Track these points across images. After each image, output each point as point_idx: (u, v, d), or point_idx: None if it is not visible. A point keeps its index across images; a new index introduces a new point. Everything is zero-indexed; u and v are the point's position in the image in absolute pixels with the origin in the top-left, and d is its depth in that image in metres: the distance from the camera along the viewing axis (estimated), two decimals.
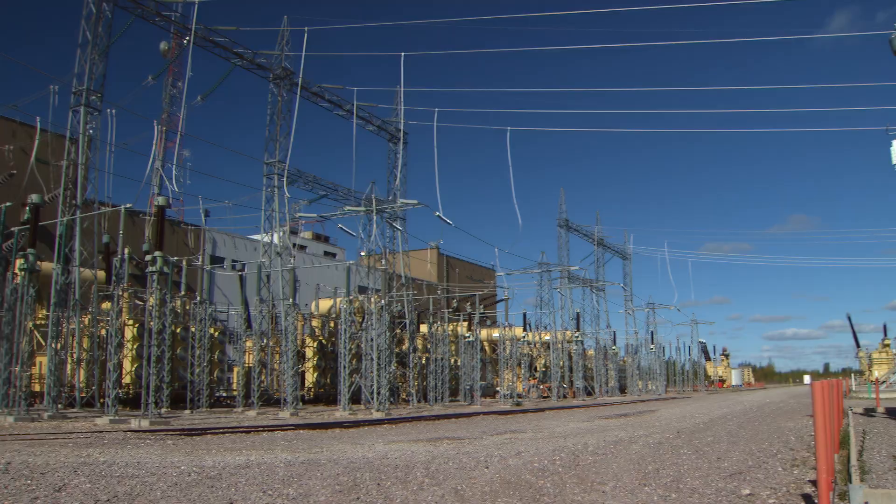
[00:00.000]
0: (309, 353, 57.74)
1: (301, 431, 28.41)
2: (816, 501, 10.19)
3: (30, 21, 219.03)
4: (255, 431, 27.60)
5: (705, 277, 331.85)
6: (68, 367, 41.27)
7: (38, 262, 34.31)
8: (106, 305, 44.36)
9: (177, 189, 70.17)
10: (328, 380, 57.44)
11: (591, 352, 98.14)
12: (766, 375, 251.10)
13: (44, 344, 42.01)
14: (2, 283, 35.11)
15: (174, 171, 67.14)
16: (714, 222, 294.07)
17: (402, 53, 61.83)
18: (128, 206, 45.19)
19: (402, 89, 63.45)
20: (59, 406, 35.74)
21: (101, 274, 49.49)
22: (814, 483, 12.79)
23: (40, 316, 44.17)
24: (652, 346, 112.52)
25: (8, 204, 38.54)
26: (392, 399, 49.91)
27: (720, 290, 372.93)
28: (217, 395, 50.92)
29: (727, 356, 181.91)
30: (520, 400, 65.92)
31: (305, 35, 53.23)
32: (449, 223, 57.85)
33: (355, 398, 48.60)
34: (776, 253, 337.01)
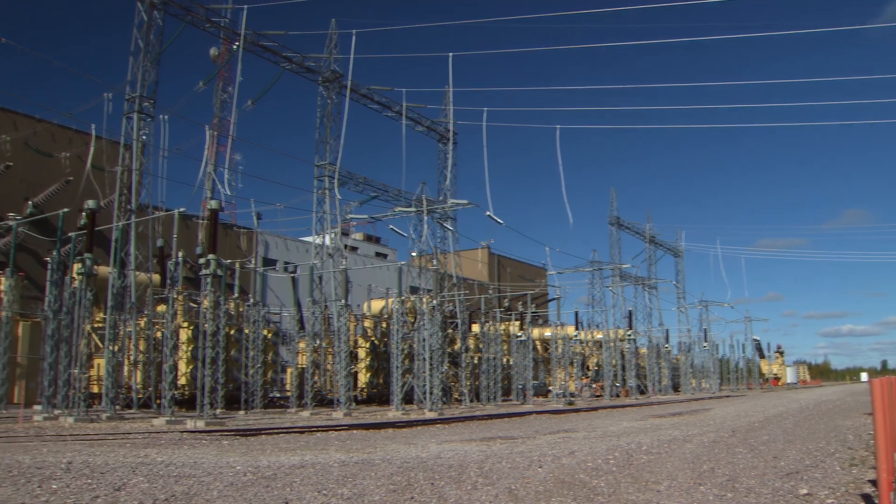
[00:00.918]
0: (361, 353, 57.97)
1: (354, 431, 28.54)
2: (877, 502, 10.05)
3: (84, 31, 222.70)
4: (309, 432, 27.76)
5: (759, 274, 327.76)
6: (125, 368, 41.86)
7: (95, 267, 34.82)
8: (161, 308, 44.89)
9: (229, 193, 70.91)
10: (381, 380, 57.64)
11: (643, 350, 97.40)
12: (821, 373, 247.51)
13: (101, 346, 42.63)
14: (60, 288, 35.67)
15: (226, 175, 67.98)
16: (767, 218, 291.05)
17: (451, 54, 62.03)
18: (181, 210, 45.80)
19: (451, 89, 63.53)
20: (117, 407, 36.25)
21: (156, 277, 50.14)
22: (874, 483, 12.59)
23: (98, 319, 44.85)
24: (705, 344, 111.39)
25: (65, 210, 39.21)
26: (444, 399, 49.96)
27: (774, 286, 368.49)
28: (271, 395, 51.30)
29: (781, 353, 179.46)
30: (572, 399, 65.66)
31: (353, 38, 53.49)
32: (500, 222, 57.84)
33: (408, 398, 48.72)
34: (831, 248, 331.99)
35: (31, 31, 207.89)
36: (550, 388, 75.39)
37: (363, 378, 57.62)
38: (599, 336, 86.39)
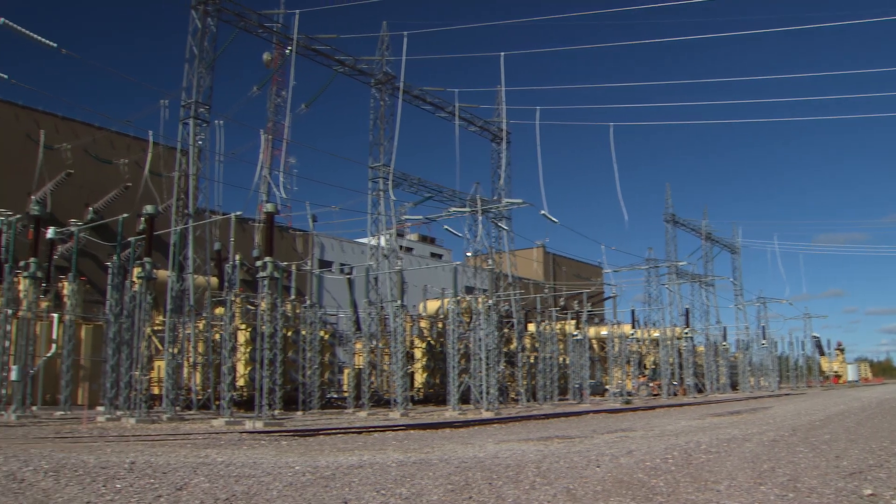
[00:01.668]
0: (418, 353, 58.10)
1: (412, 431, 28.63)
2: None
3: (140, 39, 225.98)
4: (367, 432, 27.89)
5: (818, 270, 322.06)
6: (185, 370, 42.36)
7: (154, 271, 35.31)
8: (219, 311, 45.40)
9: (284, 196, 71.29)
10: (437, 380, 57.72)
11: (700, 348, 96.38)
12: (884, 370, 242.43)
13: (161, 349, 43.21)
14: (121, 292, 36.24)
15: (281, 178, 68.43)
16: (826, 213, 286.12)
17: (502, 53, 61.88)
18: (238, 213, 46.29)
19: (503, 89, 63.46)
20: (177, 408, 36.74)
21: (214, 280, 50.67)
22: None
23: (157, 322, 45.47)
24: (763, 342, 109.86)
25: (125, 215, 39.81)
26: (501, 398, 49.89)
27: (834, 282, 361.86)
28: (328, 396, 51.59)
29: (842, 350, 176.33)
30: (629, 398, 65.22)
31: (405, 39, 53.63)
32: (555, 221, 57.62)
33: (464, 398, 48.74)
34: (894, 243, 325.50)
35: (89, 41, 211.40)
36: (607, 387, 74.90)
37: (420, 378, 57.74)
38: (656, 334, 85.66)
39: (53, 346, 44.31)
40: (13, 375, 36.10)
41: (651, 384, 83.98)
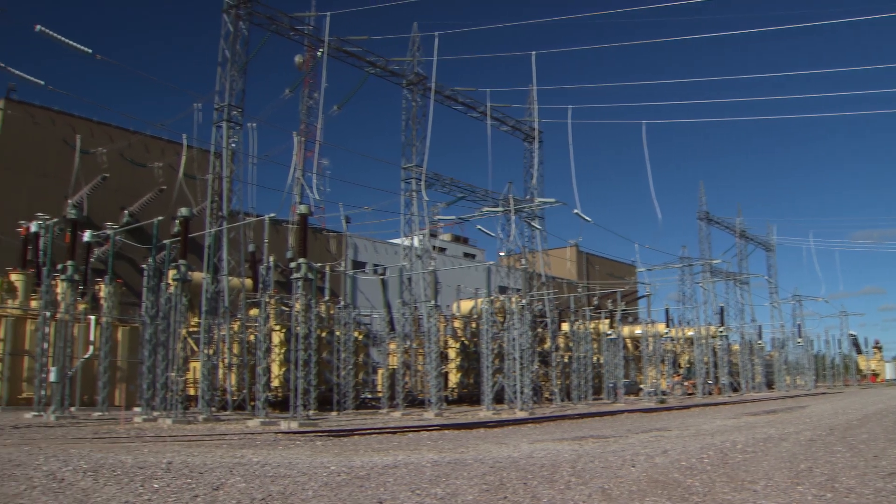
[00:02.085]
0: (451, 353, 58.13)
1: (446, 431, 28.66)
2: None
3: (172, 44, 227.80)
4: (401, 432, 27.95)
5: (855, 267, 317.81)
6: (220, 371, 42.61)
7: (189, 273, 35.57)
8: (254, 312, 45.63)
9: (317, 197, 71.52)
10: (471, 380, 57.71)
11: (735, 347, 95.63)
12: None
13: (197, 350, 43.50)
14: (157, 294, 36.52)
15: (314, 180, 68.60)
16: (863, 209, 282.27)
17: (534, 52, 61.79)
18: (271, 215, 46.43)
19: (535, 88, 63.37)
20: (213, 409, 36.97)
21: (249, 282, 50.97)
22: None
23: (193, 323, 45.78)
24: (799, 340, 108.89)
25: (160, 218, 40.12)
26: (535, 398, 49.80)
27: (872, 279, 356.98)
28: (362, 396, 51.73)
29: (880, 349, 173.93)
30: (664, 397, 64.92)
31: (436, 40, 53.67)
32: (588, 220, 57.38)
33: (498, 398, 48.71)
34: None
35: (123, 46, 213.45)
36: (641, 386, 74.56)
37: (453, 378, 57.77)
38: (691, 333, 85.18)
39: (91, 347, 44.70)
40: (52, 377, 36.52)
41: (686, 383, 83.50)
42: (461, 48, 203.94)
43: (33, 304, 46.09)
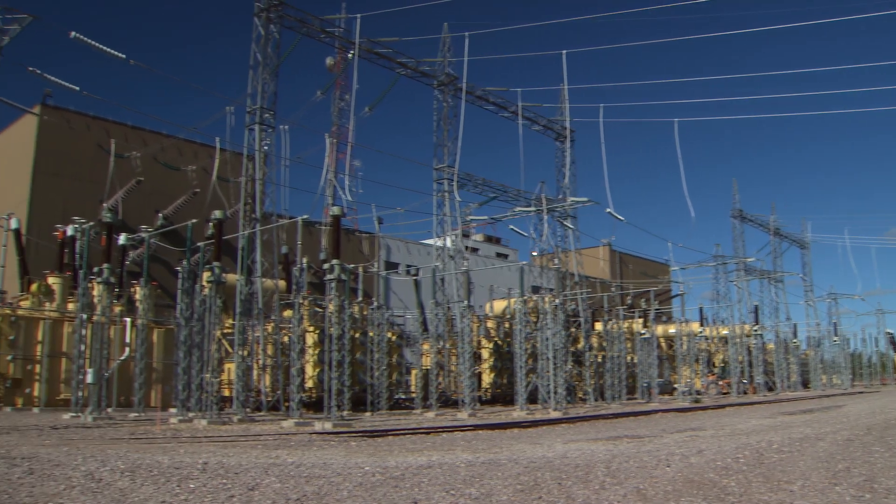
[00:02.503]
0: (485, 353, 58.12)
1: (480, 432, 28.64)
2: None
3: (204, 48, 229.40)
4: (435, 432, 27.96)
5: (892, 264, 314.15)
6: (254, 372, 42.84)
7: (223, 275, 35.80)
8: (287, 313, 45.83)
9: (350, 198, 71.91)
10: (504, 380, 57.67)
11: (770, 345, 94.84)
12: None
13: (231, 351, 43.79)
14: (191, 296, 36.78)
15: (346, 181, 68.95)
16: None
17: (564, 51, 61.60)
18: (304, 217, 46.66)
19: (566, 87, 63.19)
20: (247, 410, 37.19)
21: (282, 283, 51.25)
22: None
23: (227, 325, 46.09)
24: (835, 339, 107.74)
25: (193, 221, 40.42)
26: (569, 398, 49.68)
27: None
28: (396, 397, 51.82)
29: None
30: (698, 397, 64.59)
31: (467, 40, 53.72)
32: (620, 219, 57.23)
33: (532, 398, 48.63)
34: None
35: (155, 51, 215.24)
36: (676, 385, 74.17)
37: (487, 378, 57.76)
38: (725, 332, 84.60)
39: (127, 349, 45.13)
40: (89, 378, 36.88)
41: (720, 382, 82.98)
42: (492, 48, 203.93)
43: (70, 306, 46.59)
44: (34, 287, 48.20)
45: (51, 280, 49.25)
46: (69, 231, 52.66)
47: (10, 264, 57.13)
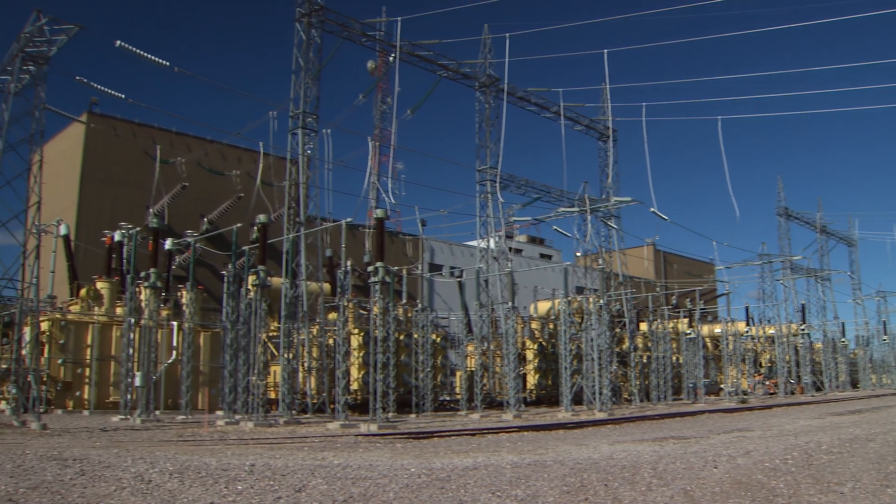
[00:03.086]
0: (529, 355, 57.99)
1: (525, 433, 28.61)
2: None
3: (247, 54, 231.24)
4: (480, 434, 27.96)
5: None
6: (300, 375, 43.06)
7: (268, 278, 36.06)
8: (332, 316, 46.03)
9: (393, 201, 72.27)
10: (549, 381, 57.49)
11: (818, 345, 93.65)
12: None
13: (277, 354, 44.04)
14: (237, 299, 37.07)
15: (390, 184, 69.27)
16: None
17: (605, 50, 61.38)
18: (348, 220, 46.86)
19: (608, 86, 62.95)
20: (293, 412, 37.40)
21: (327, 286, 51.45)
22: None
23: (272, 328, 46.40)
24: (885, 337, 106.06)
25: (238, 225, 40.72)
26: (614, 399, 49.41)
27: None
28: (441, 399, 51.87)
29: None
30: (745, 397, 63.97)
31: (507, 41, 53.70)
32: (665, 218, 56.91)
33: (577, 399, 48.45)
34: None
35: (198, 58, 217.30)
36: (722, 386, 73.54)
37: (532, 380, 57.63)
38: (771, 331, 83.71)
39: (174, 352, 45.63)
40: (137, 381, 37.36)
41: (767, 383, 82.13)
42: (533, 49, 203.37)
43: (118, 310, 47.18)
44: (83, 292, 48.88)
45: (99, 285, 49.90)
46: (116, 236, 53.33)
47: (60, 270, 57.98)
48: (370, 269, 33.54)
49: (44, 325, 43.71)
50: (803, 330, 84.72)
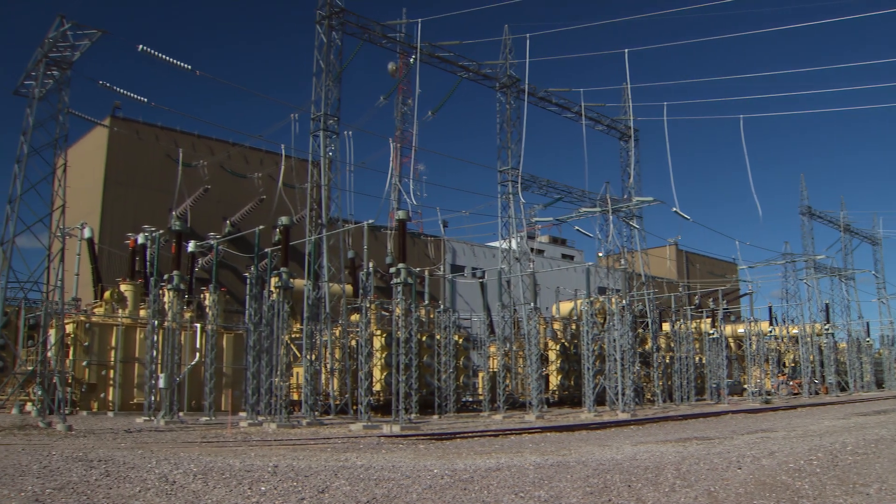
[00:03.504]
0: (551, 355, 57.92)
1: (548, 434, 28.58)
2: None
3: (268, 57, 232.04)
4: (503, 435, 27.95)
5: None
6: (322, 376, 43.20)
7: (291, 280, 36.16)
8: (354, 317, 46.14)
9: (415, 202, 72.15)
10: (571, 382, 57.38)
11: (842, 344, 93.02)
12: None
13: (299, 355, 44.19)
14: (259, 301, 37.21)
15: (411, 185, 69.30)
16: None
17: (626, 50, 61.30)
18: (370, 221, 46.98)
19: (629, 86, 62.83)
20: (316, 413, 37.49)
21: (349, 288, 51.55)
22: None
23: (295, 330, 46.54)
24: None
25: (260, 227, 40.88)
26: (637, 399, 49.28)
27: None
28: (463, 400, 51.87)
29: None
30: (769, 397, 63.64)
31: (528, 42, 53.66)
32: (687, 218, 56.75)
33: (599, 400, 48.34)
34: None
35: (219, 61, 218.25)
36: (745, 386, 73.19)
37: (554, 380, 57.55)
38: (795, 331, 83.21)
39: (197, 354, 45.86)
40: (161, 383, 37.56)
41: (791, 383, 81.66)
42: (553, 49, 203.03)
43: (142, 313, 47.46)
44: (107, 294, 49.21)
45: (123, 287, 50.21)
46: (140, 239, 53.63)
47: (84, 272, 58.42)
48: (392, 270, 33.57)
49: (69, 328, 44.00)
50: (827, 330, 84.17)
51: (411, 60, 52.92)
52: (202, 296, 49.80)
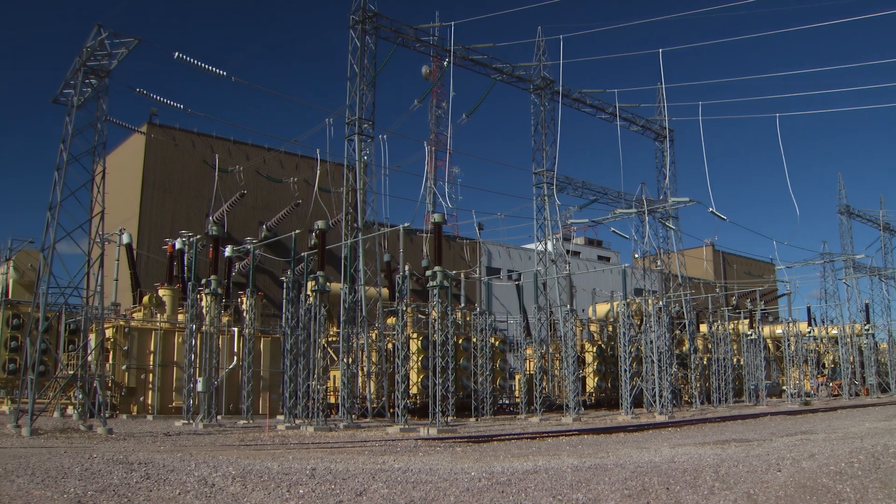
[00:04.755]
0: (588, 357, 57.72)
1: (585, 436, 28.48)
2: None
3: (302, 62, 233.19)
4: (540, 437, 27.89)
5: None
6: (359, 379, 43.33)
7: (327, 284, 36.30)
8: (391, 320, 46.25)
9: (450, 205, 72.36)
10: (608, 384, 57.17)
11: (883, 345, 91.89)
12: None
13: (336, 359, 44.36)
14: (296, 305, 37.38)
15: (446, 189, 69.42)
16: None
17: (660, 50, 61.03)
18: (406, 225, 47.09)
19: (664, 86, 62.54)
20: (353, 416, 37.62)
21: (385, 291, 51.69)
22: None
23: (332, 333, 46.72)
24: None
25: (297, 231, 41.10)
26: (674, 402, 49.03)
27: None
28: (500, 402, 51.80)
29: None
30: (808, 399, 63.06)
31: (561, 43, 53.57)
32: (723, 218, 56.35)
33: (637, 402, 48.13)
34: None
35: (254, 67, 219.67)
36: (784, 388, 72.56)
37: (591, 382, 57.34)
38: (834, 332, 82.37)
39: (235, 358, 46.13)
40: (199, 386, 37.85)
41: (830, 384, 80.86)
42: (587, 50, 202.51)
43: (180, 317, 47.81)
44: (146, 299, 49.62)
45: (161, 292, 50.61)
46: (177, 244, 54.05)
47: (123, 277, 58.98)
48: (428, 273, 33.64)
49: (108, 332, 44.43)
50: (867, 330, 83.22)
51: (445, 63, 53.00)
52: (239, 300, 50.12)
